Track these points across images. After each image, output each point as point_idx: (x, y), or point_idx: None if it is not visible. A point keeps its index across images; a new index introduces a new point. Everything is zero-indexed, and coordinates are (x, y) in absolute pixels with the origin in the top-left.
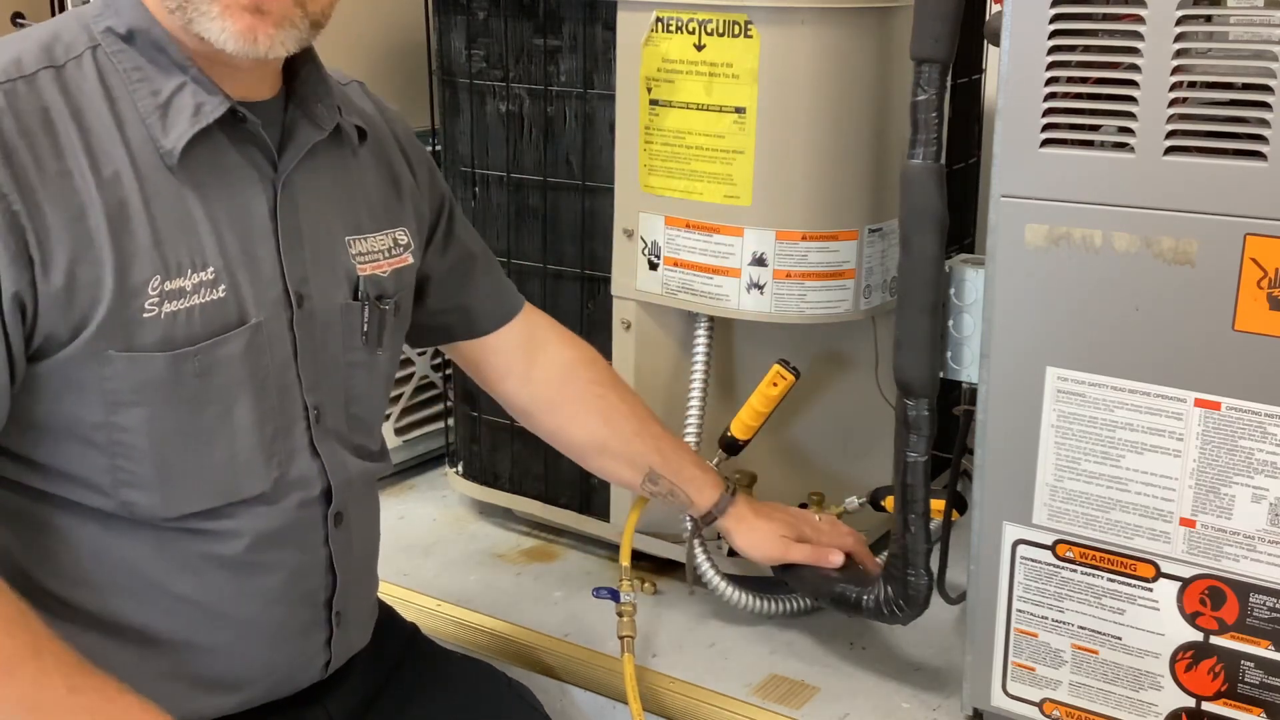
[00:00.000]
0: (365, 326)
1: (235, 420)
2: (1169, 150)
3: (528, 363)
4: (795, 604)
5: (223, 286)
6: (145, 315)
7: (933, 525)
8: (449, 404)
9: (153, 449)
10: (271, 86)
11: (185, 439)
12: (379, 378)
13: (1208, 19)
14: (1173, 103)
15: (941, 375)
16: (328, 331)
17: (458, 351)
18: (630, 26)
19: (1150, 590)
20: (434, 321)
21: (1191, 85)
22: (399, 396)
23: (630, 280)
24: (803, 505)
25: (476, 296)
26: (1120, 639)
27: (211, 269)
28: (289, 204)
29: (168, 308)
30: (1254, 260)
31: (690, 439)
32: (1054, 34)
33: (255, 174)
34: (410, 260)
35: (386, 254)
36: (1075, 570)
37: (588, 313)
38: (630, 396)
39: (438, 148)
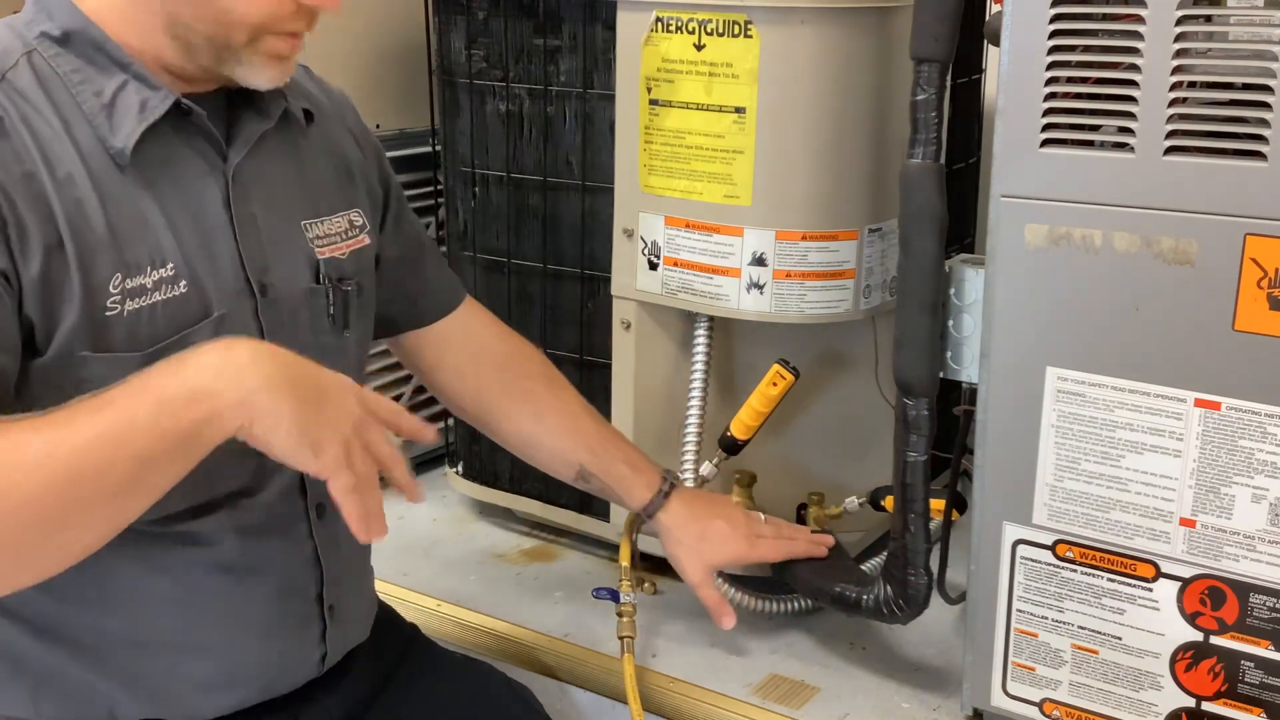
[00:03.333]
0: (331, 309)
1: None
2: (1169, 150)
3: (462, 355)
4: (795, 604)
5: (184, 282)
6: (109, 314)
7: (933, 525)
8: None
9: None
10: (215, 78)
11: None
12: (350, 360)
13: (1208, 19)
14: (1173, 103)
15: (941, 375)
16: (294, 318)
17: (397, 341)
18: (630, 26)
19: (1150, 590)
20: (379, 311)
21: (1191, 85)
22: (399, 397)
23: (630, 280)
24: (802, 505)
25: (423, 287)
26: (1120, 639)
27: (171, 265)
28: (241, 193)
29: (130, 305)
30: (1254, 260)
31: (690, 439)
32: (1054, 34)
33: (205, 166)
34: (368, 241)
35: (343, 236)
36: (1075, 570)
37: (588, 313)
38: (564, 393)
39: (438, 148)
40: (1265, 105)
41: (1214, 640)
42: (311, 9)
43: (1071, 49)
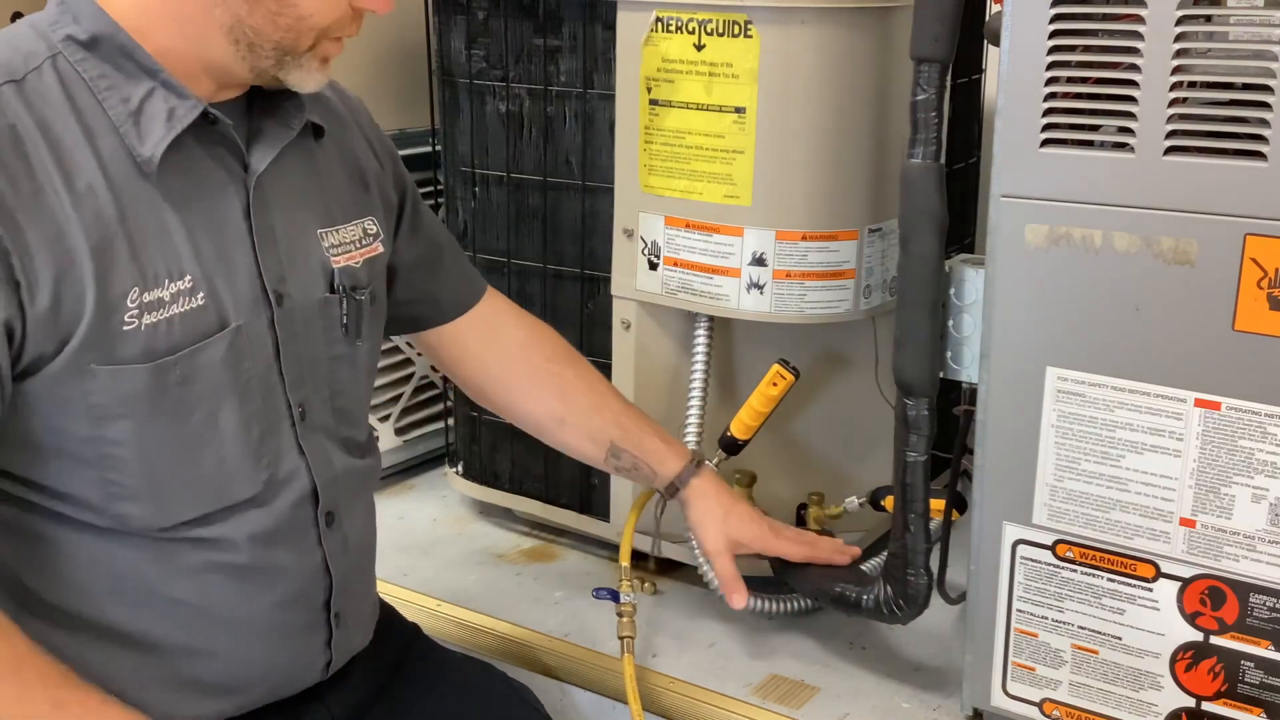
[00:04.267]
0: (344, 318)
1: (221, 425)
2: (1169, 150)
3: (484, 344)
4: (795, 604)
5: (201, 294)
6: (126, 328)
7: (933, 525)
8: (449, 404)
9: (140, 460)
10: (239, 86)
11: (172, 448)
12: (361, 369)
13: (1208, 19)
14: (1173, 103)
15: (941, 375)
16: (309, 327)
17: (419, 337)
18: (630, 26)
19: (1150, 590)
20: (402, 312)
21: (1191, 85)
22: (399, 397)
23: (630, 280)
24: (802, 505)
25: (444, 286)
26: (1120, 639)
27: (189, 277)
28: (261, 203)
29: (147, 319)
30: (1254, 260)
31: (690, 439)
32: (1054, 34)
33: (226, 175)
34: (381, 249)
35: (358, 244)
36: (1075, 570)
37: (588, 313)
38: (588, 372)
39: (438, 148)
40: (1265, 105)
41: (1214, 640)
42: (361, 12)
43: (1071, 49)
